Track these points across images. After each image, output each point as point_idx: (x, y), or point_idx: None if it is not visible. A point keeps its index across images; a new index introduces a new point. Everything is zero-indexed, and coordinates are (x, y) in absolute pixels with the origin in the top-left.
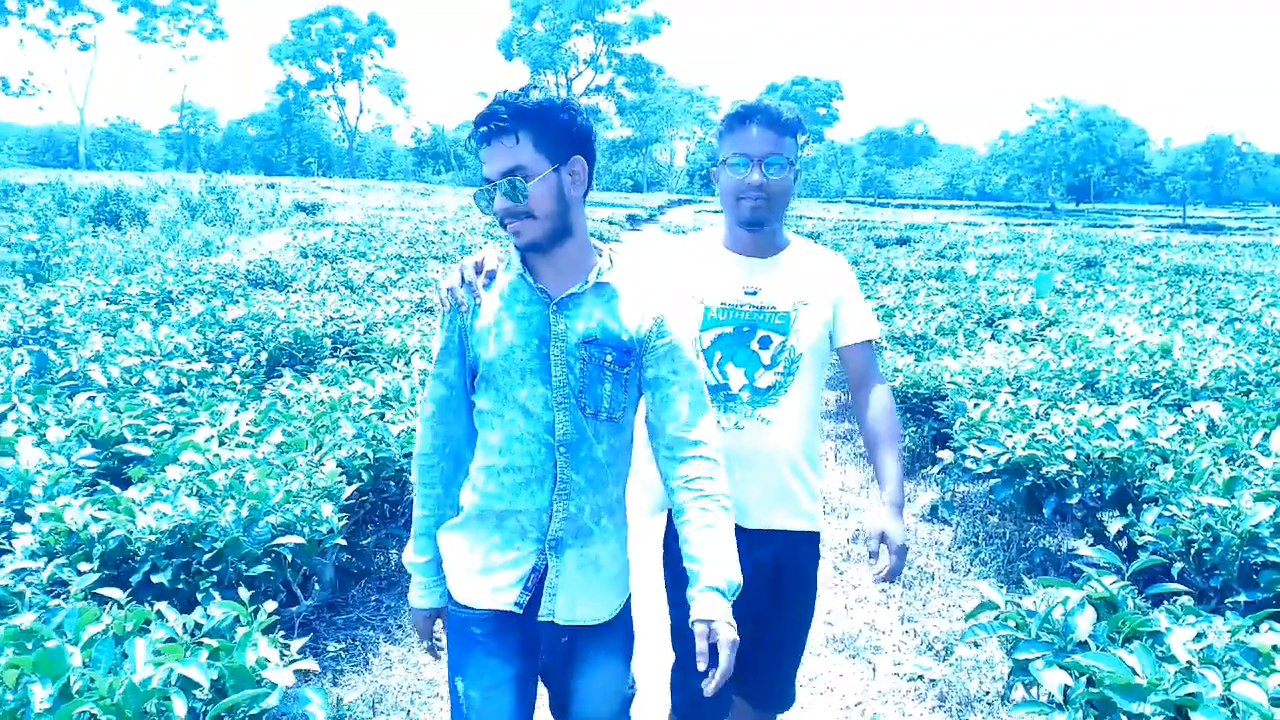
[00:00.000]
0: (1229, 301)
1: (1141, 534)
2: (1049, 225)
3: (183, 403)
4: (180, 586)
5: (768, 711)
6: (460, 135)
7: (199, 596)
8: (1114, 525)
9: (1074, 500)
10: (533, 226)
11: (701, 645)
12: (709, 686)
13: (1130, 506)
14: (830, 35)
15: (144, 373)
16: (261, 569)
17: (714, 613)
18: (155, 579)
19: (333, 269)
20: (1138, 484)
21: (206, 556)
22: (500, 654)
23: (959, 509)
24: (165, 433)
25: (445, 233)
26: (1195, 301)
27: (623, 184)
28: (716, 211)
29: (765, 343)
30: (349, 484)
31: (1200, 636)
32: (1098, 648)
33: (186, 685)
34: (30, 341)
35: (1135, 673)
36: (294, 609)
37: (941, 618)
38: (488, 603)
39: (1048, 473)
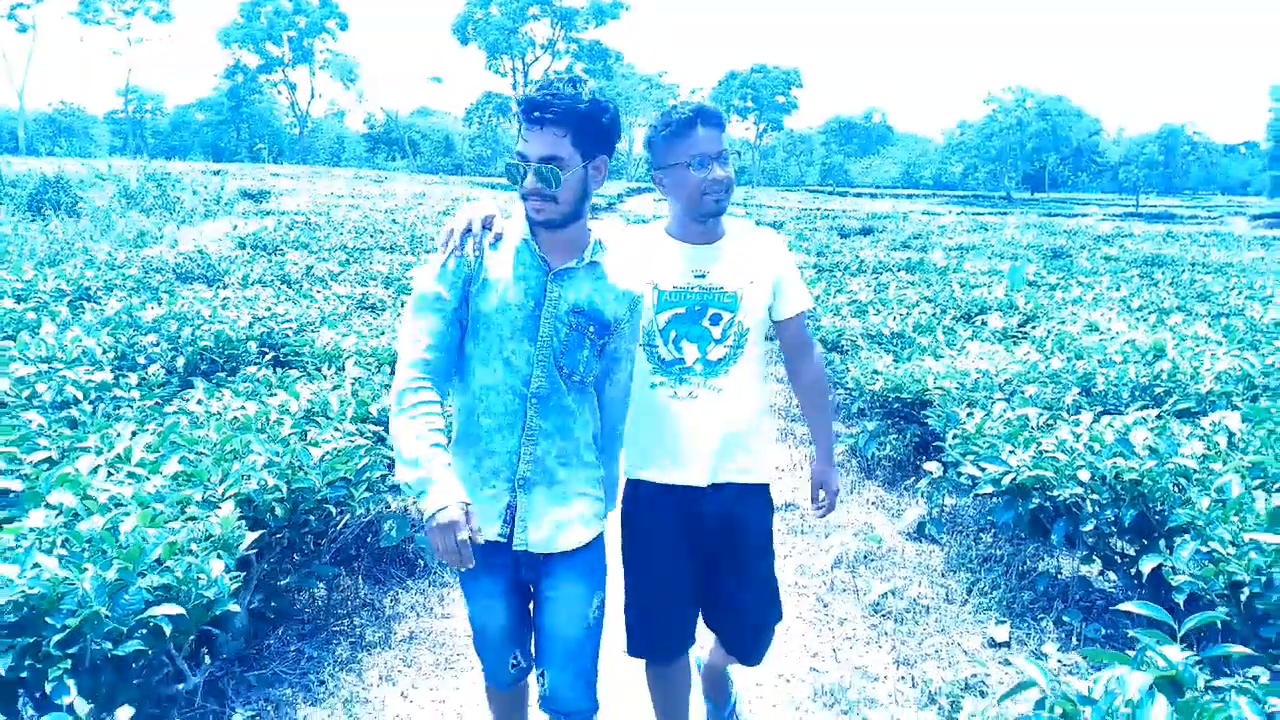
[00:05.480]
0: (1208, 295)
1: (1176, 572)
2: (1006, 214)
3: (72, 423)
4: (24, 675)
5: (743, 662)
6: (415, 121)
7: (48, 687)
8: (1147, 565)
9: (1088, 527)
10: (552, 209)
11: None
12: None
13: (1155, 535)
14: (790, 23)
15: (35, 384)
16: (133, 646)
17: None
18: None
19: (270, 261)
20: (1159, 509)
21: (58, 636)
22: (491, 573)
23: (948, 526)
24: (46, 461)
25: (395, 222)
26: (1175, 295)
27: None
28: None
29: (716, 320)
30: (255, 527)
31: None
32: None
33: None
34: None
35: None
36: (180, 686)
37: (941, 659)
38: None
39: (1058, 495)
